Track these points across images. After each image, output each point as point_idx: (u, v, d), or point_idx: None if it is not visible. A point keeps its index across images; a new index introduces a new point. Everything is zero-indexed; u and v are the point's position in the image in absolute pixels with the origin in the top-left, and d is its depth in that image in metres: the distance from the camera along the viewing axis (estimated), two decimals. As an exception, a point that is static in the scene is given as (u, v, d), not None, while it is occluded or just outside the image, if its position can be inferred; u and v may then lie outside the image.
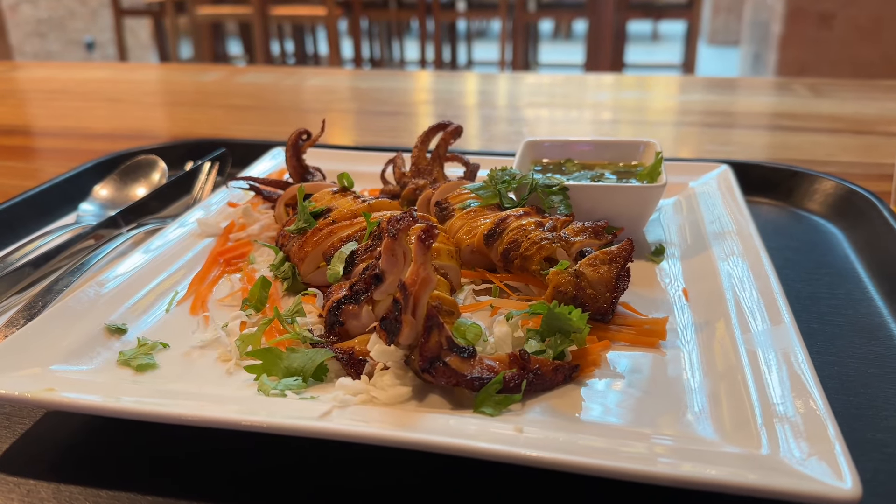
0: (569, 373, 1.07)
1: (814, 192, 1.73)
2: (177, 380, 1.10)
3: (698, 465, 0.83)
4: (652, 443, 0.91)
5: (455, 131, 1.64)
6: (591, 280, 1.18)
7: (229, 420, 0.93)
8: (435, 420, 0.95)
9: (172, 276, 1.38)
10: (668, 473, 0.81)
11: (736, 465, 0.84)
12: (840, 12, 7.95)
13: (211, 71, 3.60)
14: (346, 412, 0.97)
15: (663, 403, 1.01)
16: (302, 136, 1.62)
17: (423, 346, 0.99)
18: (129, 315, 1.25)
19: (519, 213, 1.32)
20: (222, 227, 1.53)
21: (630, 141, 1.65)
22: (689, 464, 0.84)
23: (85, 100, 3.07)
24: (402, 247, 1.09)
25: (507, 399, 1.01)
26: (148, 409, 0.96)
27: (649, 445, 0.90)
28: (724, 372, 1.06)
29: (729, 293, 1.25)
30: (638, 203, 1.44)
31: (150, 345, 1.17)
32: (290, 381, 1.06)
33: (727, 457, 0.87)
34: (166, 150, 2.04)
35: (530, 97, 3.03)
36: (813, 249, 1.55)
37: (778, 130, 2.37)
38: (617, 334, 1.17)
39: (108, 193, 1.80)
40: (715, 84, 3.09)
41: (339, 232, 1.31)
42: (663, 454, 0.88)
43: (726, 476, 0.81)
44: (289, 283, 1.34)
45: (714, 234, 1.46)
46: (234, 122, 2.62)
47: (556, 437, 0.91)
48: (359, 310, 1.14)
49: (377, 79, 3.55)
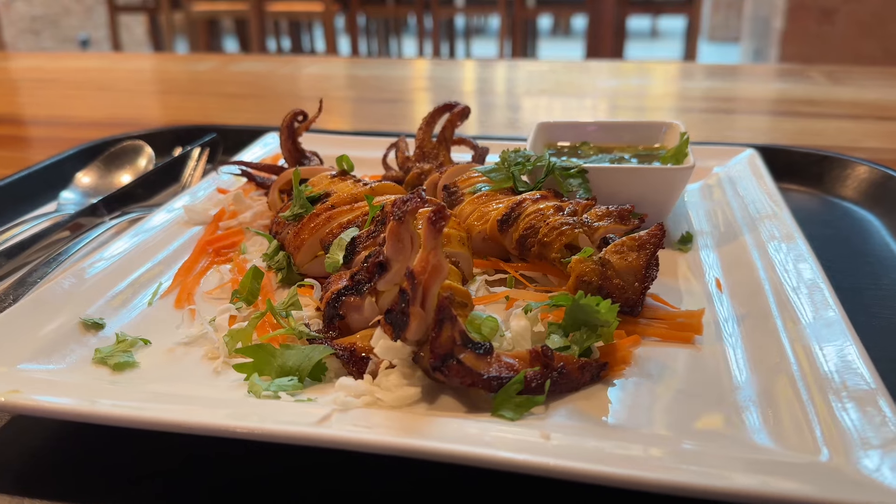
0: (596, 371, 0.96)
1: (846, 178, 1.62)
2: (158, 380, 0.99)
3: (759, 478, 0.72)
4: (699, 451, 0.80)
5: (462, 112, 1.53)
6: (619, 269, 1.06)
7: (216, 426, 0.82)
8: (448, 425, 0.83)
9: (156, 266, 1.27)
10: (729, 488, 0.70)
11: (802, 477, 0.73)
12: (842, 7, 7.85)
13: (205, 60, 3.48)
14: (347, 416, 0.85)
15: (705, 405, 0.90)
16: (298, 118, 1.51)
17: (434, 342, 0.88)
18: (108, 309, 1.14)
19: (536, 197, 1.21)
20: (211, 214, 1.42)
21: (651, 122, 1.54)
22: (747, 476, 0.73)
23: (74, 89, 2.95)
24: (409, 231, 0.98)
25: (528, 401, 0.89)
26: (126, 413, 0.84)
27: (697, 454, 0.79)
28: (770, 369, 0.95)
29: (767, 284, 1.14)
30: (664, 186, 1.33)
31: (129, 341, 1.06)
32: (285, 381, 0.95)
33: (787, 466, 0.76)
34: (154, 136, 1.92)
35: (529, 84, 2.92)
36: (849, 238, 1.44)
37: (798, 117, 2.26)
38: (647, 328, 1.06)
39: (91, 181, 1.69)
40: (726, 71, 2.98)
41: (338, 217, 1.19)
42: (715, 464, 0.76)
43: (794, 490, 0.69)
44: (283, 273, 1.23)
45: (746, 220, 1.35)
46: (228, 109, 2.51)
47: (589, 444, 0.80)
48: (361, 301, 1.02)
49: (375, 67, 3.44)
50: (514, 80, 3.06)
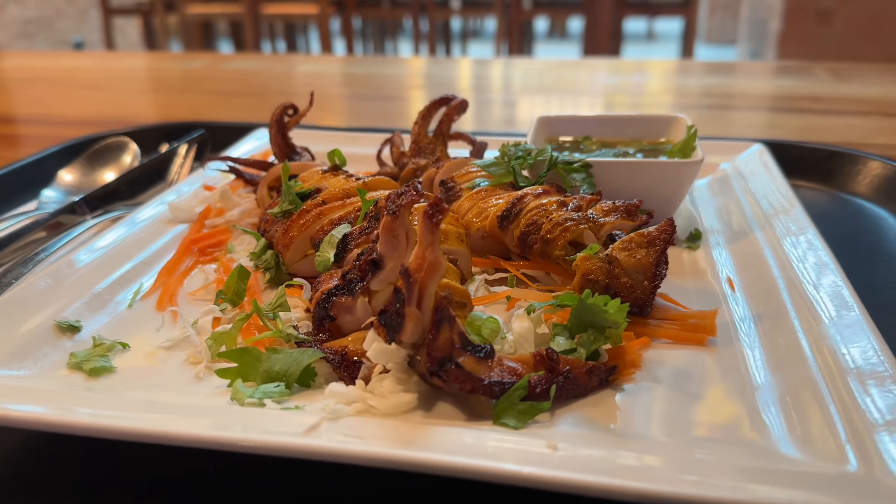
0: (605, 375, 0.89)
1: (857, 174, 1.56)
2: (136, 386, 0.93)
3: (787, 491, 0.66)
4: (720, 462, 0.73)
5: (460, 106, 1.46)
6: (627, 266, 1.00)
7: (197, 437, 0.75)
8: (446, 435, 0.77)
9: (138, 266, 1.21)
10: (754, 502, 0.64)
11: (831, 490, 0.67)
12: (839, 9, 7.81)
13: (197, 59, 3.42)
14: (337, 426, 0.79)
15: (722, 412, 0.84)
16: (288, 111, 1.45)
17: (432, 345, 0.82)
18: (85, 311, 1.08)
19: (538, 192, 1.15)
20: (197, 212, 1.35)
21: (656, 116, 1.48)
22: (773, 489, 0.67)
23: (63, 87, 2.89)
24: (404, 226, 0.91)
25: (533, 408, 0.83)
26: (99, 423, 0.78)
27: (718, 465, 0.72)
28: (790, 373, 0.89)
29: (782, 283, 1.08)
30: (672, 181, 1.27)
31: (106, 345, 0.99)
32: (271, 387, 0.88)
33: (815, 478, 0.70)
34: (141, 133, 1.86)
35: (526, 81, 2.87)
36: (862, 235, 1.38)
37: (804, 113, 2.21)
38: (657, 330, 1.00)
39: (74, 179, 1.62)
40: (727, 68, 2.93)
41: (329, 214, 1.13)
42: (738, 476, 0.70)
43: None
44: (271, 273, 1.17)
45: (757, 217, 1.29)
46: (219, 107, 2.45)
47: (599, 455, 0.74)
48: (353, 302, 0.96)
49: (371, 65, 3.38)
50: (511, 77, 3.00)
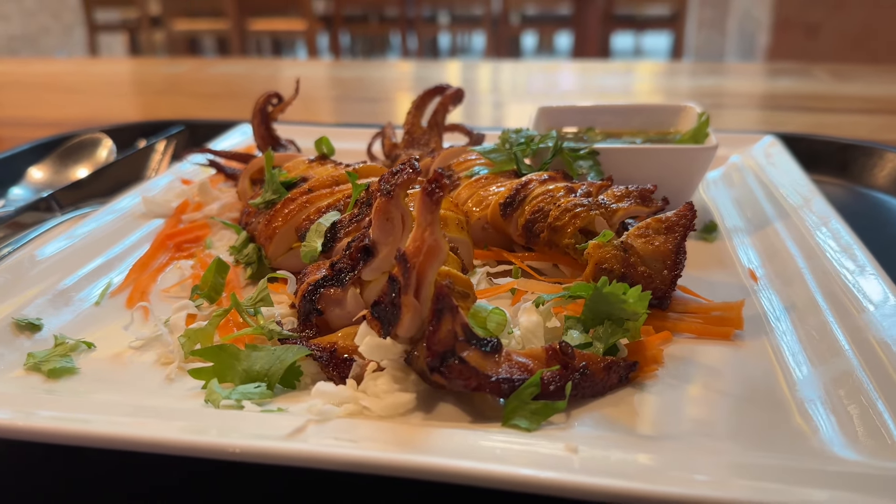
0: (625, 372, 0.80)
1: (873, 166, 1.49)
2: (101, 389, 0.84)
3: (843, 494, 0.57)
4: (764, 463, 0.64)
5: (455, 95, 1.38)
6: (644, 254, 0.91)
7: (167, 442, 0.67)
8: (451, 437, 0.68)
9: (107, 262, 1.11)
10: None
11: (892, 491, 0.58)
12: (826, 22, 7.82)
13: (181, 64, 3.33)
14: (325, 428, 0.69)
15: (758, 409, 0.75)
16: (272, 101, 1.35)
17: (432, 337, 0.72)
18: (47, 308, 0.98)
19: (543, 178, 1.06)
20: (173, 206, 1.26)
21: (664, 105, 1.40)
22: (828, 491, 0.58)
23: (40, 90, 2.78)
24: (399, 208, 0.82)
25: (547, 408, 0.74)
26: (61, 427, 0.70)
27: (763, 468, 0.63)
28: (828, 366, 0.80)
29: (809, 273, 0.99)
30: (685, 168, 1.18)
31: (69, 344, 0.90)
32: (250, 388, 0.78)
33: (871, 480, 0.61)
34: (118, 131, 1.75)
35: (515, 83, 2.79)
36: (883, 228, 1.30)
37: (808, 111, 2.14)
38: (679, 324, 0.91)
39: (45, 176, 1.52)
40: (726, 69, 2.87)
41: (316, 202, 1.04)
42: (785, 479, 0.61)
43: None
44: (253, 268, 1.07)
45: (776, 207, 1.20)
46: (203, 109, 2.35)
47: (626, 459, 0.64)
48: (343, 294, 0.86)
49: (358, 69, 3.30)
50: (500, 79, 2.93)
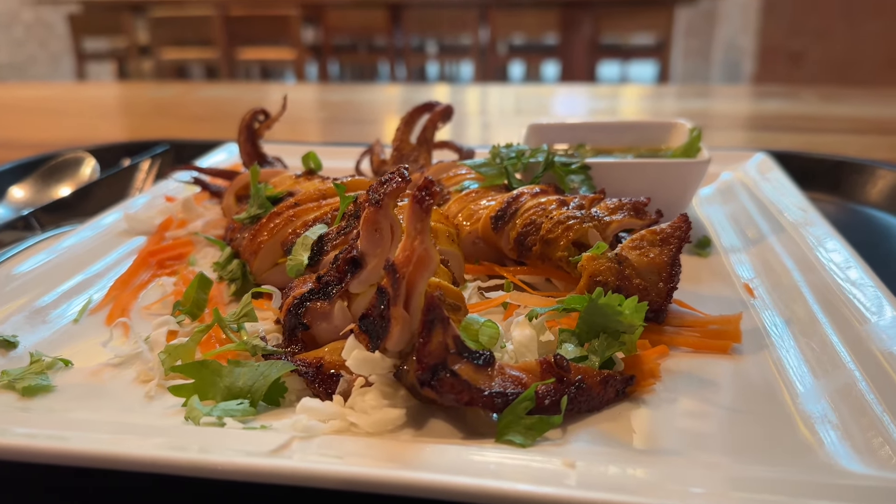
0: (622, 386, 0.77)
1: (866, 183, 1.48)
2: (78, 407, 0.80)
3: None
4: (771, 477, 0.62)
5: (444, 112, 1.36)
6: (639, 267, 0.89)
7: (145, 459, 0.64)
8: (443, 452, 0.65)
9: (87, 279, 1.07)
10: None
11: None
12: (810, 51, 7.93)
13: (169, 87, 3.31)
14: (311, 444, 0.66)
15: (761, 423, 0.73)
16: (258, 117, 1.33)
17: (423, 349, 0.70)
18: (23, 325, 0.95)
19: (535, 191, 1.04)
20: (156, 223, 1.22)
21: (655, 122, 1.39)
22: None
23: (25, 113, 2.75)
24: (389, 218, 0.80)
25: (542, 423, 0.71)
26: (30, 444, 0.67)
27: (769, 481, 0.60)
28: (832, 379, 0.78)
29: (806, 286, 0.97)
30: (678, 183, 1.17)
31: (45, 362, 0.86)
32: (232, 405, 0.75)
33: (881, 493, 0.58)
34: (102, 151, 1.72)
35: (502, 105, 2.79)
36: (878, 244, 1.28)
37: (798, 132, 2.14)
38: (675, 338, 0.88)
39: (26, 195, 1.49)
40: (713, 91, 2.88)
41: (303, 216, 1.01)
42: (793, 491, 0.58)
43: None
44: (237, 284, 1.04)
45: (769, 222, 1.19)
46: (190, 131, 2.33)
47: (627, 474, 0.62)
48: (329, 307, 0.84)
49: (347, 92, 3.29)
50: (487, 102, 2.93)
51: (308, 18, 8.39)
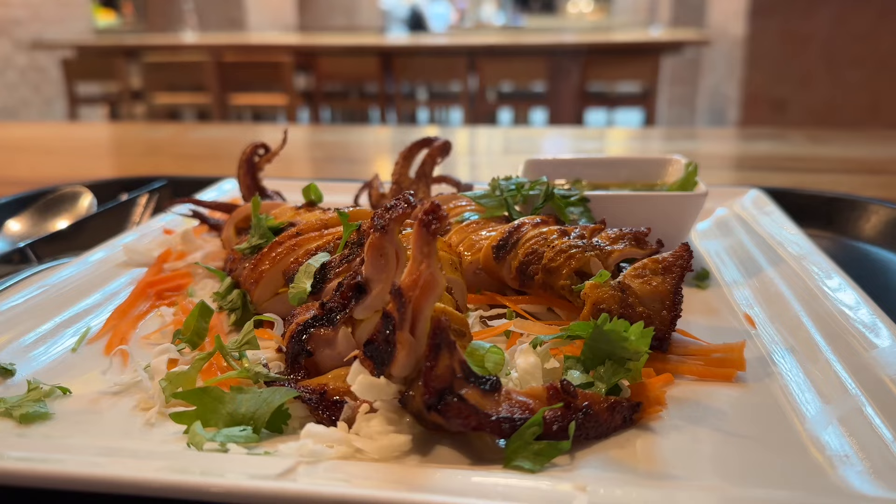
0: (629, 412, 0.77)
1: (859, 218, 1.49)
2: (76, 433, 0.79)
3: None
4: (780, 501, 0.61)
5: (443, 147, 1.37)
6: (642, 295, 0.89)
7: (146, 482, 0.62)
8: (451, 477, 0.64)
9: (86, 310, 1.06)
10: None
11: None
12: (793, 99, 8.09)
13: (162, 128, 3.32)
14: (317, 469, 0.65)
15: (770, 448, 0.72)
16: (258, 151, 1.34)
17: (429, 374, 0.69)
18: (21, 353, 0.94)
19: (536, 221, 1.04)
20: (155, 255, 1.22)
21: (650, 158, 1.41)
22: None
23: (20, 152, 2.75)
24: (394, 244, 0.80)
25: (550, 448, 0.70)
26: (27, 468, 0.66)
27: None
28: (838, 404, 0.77)
29: (806, 316, 0.98)
30: (676, 215, 1.18)
31: (43, 390, 0.85)
32: (235, 431, 0.74)
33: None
34: (99, 187, 1.72)
35: (490, 147, 2.82)
36: (873, 277, 1.29)
37: (788, 172, 2.17)
38: (679, 366, 0.88)
39: (23, 228, 1.48)
40: (693, 134, 2.92)
41: (305, 244, 1.01)
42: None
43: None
44: (237, 314, 1.03)
45: (766, 255, 1.20)
46: (184, 169, 2.33)
47: (641, 497, 0.61)
48: (333, 334, 0.83)
49: (339, 133, 3.32)
50: (476, 143, 2.95)
51: (301, 66, 8.49)
